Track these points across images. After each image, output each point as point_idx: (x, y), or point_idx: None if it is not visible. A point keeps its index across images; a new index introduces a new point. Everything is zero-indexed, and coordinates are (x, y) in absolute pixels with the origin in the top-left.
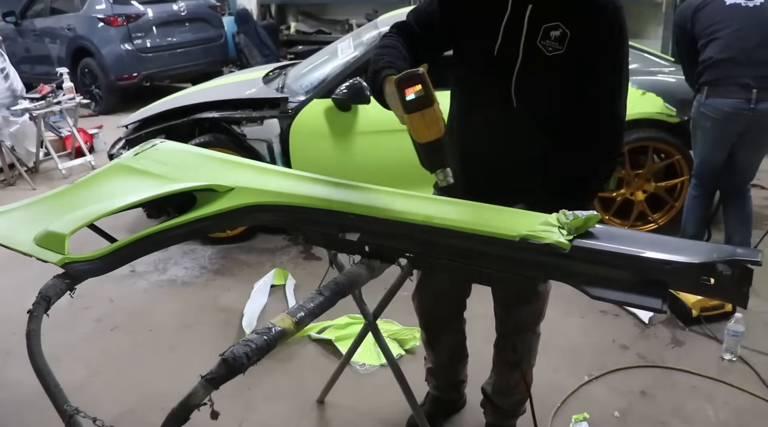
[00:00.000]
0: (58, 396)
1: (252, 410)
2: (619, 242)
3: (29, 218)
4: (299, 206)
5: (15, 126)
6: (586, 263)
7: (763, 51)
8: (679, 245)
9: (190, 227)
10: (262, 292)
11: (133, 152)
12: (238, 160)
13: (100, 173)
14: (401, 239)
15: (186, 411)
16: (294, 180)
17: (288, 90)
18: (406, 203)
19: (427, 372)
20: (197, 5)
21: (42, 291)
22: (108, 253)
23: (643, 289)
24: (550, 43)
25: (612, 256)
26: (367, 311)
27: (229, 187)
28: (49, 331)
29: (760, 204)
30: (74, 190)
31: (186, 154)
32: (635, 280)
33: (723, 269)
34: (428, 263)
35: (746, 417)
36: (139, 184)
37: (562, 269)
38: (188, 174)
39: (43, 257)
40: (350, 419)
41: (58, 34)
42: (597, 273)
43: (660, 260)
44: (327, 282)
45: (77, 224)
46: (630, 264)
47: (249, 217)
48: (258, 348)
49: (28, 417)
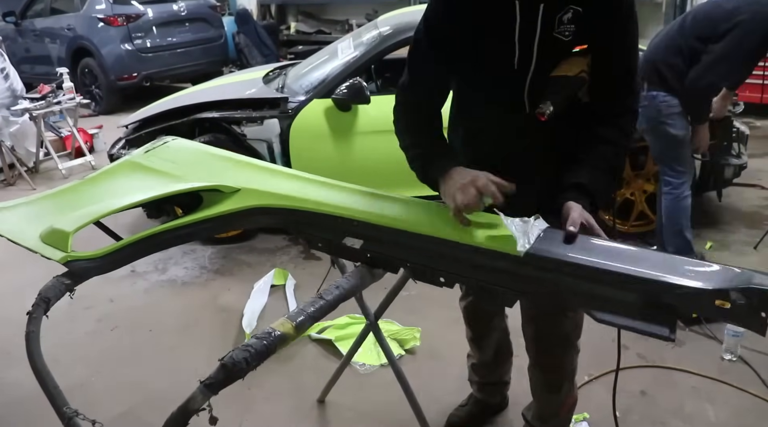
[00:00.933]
0: (57, 398)
1: (252, 410)
2: (622, 261)
3: (36, 213)
4: (303, 210)
5: (15, 126)
6: (584, 280)
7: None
8: (690, 266)
9: (194, 227)
10: (262, 292)
11: (144, 149)
12: (248, 160)
13: (110, 170)
14: (404, 248)
15: (185, 416)
16: (301, 182)
17: (288, 90)
18: (411, 211)
19: (471, 370)
20: (197, 5)
21: (41, 292)
22: (111, 252)
23: (651, 314)
24: (565, 27)
25: (620, 276)
26: (369, 311)
27: (235, 189)
28: (50, 331)
29: (760, 204)
30: (83, 186)
31: (196, 152)
32: (642, 303)
33: (737, 297)
34: (431, 273)
35: (746, 417)
36: (147, 183)
37: (572, 288)
38: (197, 173)
39: (47, 254)
40: (350, 419)
41: (58, 34)
42: (603, 294)
43: (671, 284)
44: (328, 286)
45: (81, 222)
46: (639, 287)
47: (253, 219)
48: (257, 353)
49: (28, 418)
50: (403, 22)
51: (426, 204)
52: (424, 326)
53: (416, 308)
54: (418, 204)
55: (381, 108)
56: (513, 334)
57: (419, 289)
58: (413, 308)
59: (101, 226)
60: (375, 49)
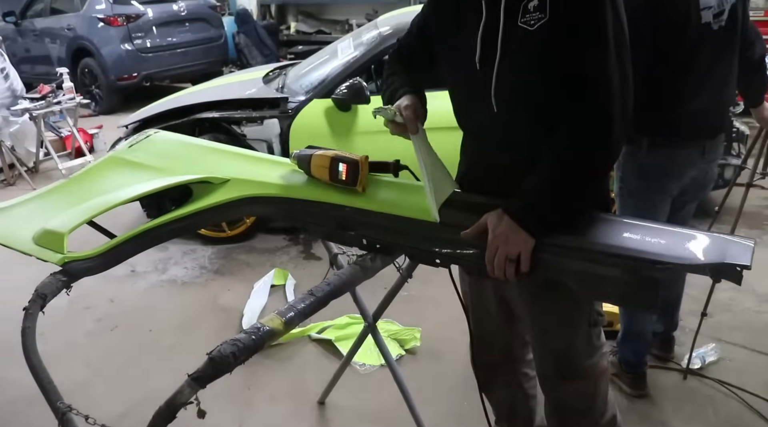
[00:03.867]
0: (51, 393)
1: (252, 410)
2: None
3: (26, 215)
4: (295, 198)
5: (15, 126)
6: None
7: None
8: (679, 237)
9: (187, 220)
10: (262, 292)
11: (128, 144)
12: (234, 150)
13: (95, 167)
14: (400, 232)
15: (172, 410)
16: (290, 170)
17: (288, 90)
18: (402, 196)
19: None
20: (197, 5)
21: (38, 289)
22: (107, 250)
23: (636, 287)
24: (531, 15)
25: (603, 253)
26: (367, 312)
27: (225, 179)
28: (50, 330)
29: (760, 204)
30: (70, 185)
31: (180, 145)
32: (628, 278)
33: (714, 272)
34: (427, 256)
35: (746, 417)
36: (135, 178)
37: (561, 267)
38: (184, 165)
39: (43, 257)
40: (350, 419)
41: (58, 34)
42: (589, 270)
43: (653, 260)
44: (319, 282)
45: (76, 222)
46: (621, 262)
47: (246, 209)
48: (245, 347)
49: (29, 417)
50: (403, 22)
51: (418, 186)
52: (424, 326)
53: (417, 309)
54: (407, 187)
55: None
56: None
57: (419, 289)
58: (414, 309)
59: (94, 224)
60: (375, 49)
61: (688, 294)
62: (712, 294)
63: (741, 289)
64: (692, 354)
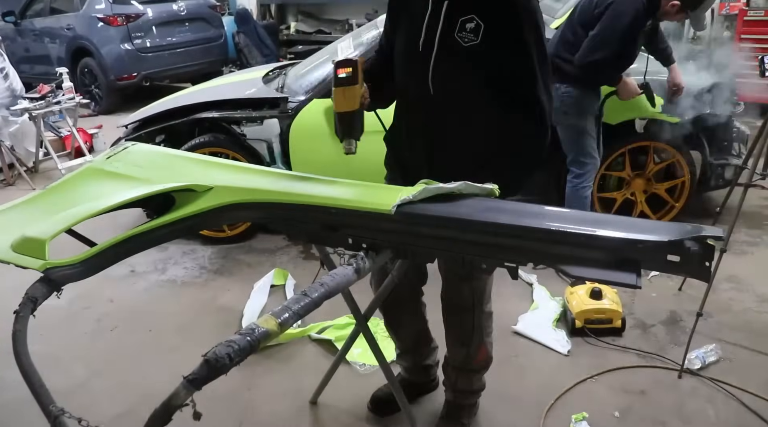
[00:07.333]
0: (43, 396)
1: (252, 410)
2: (592, 225)
3: (2, 225)
4: (278, 203)
5: (14, 126)
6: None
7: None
8: (647, 225)
9: (171, 227)
10: (262, 292)
11: (105, 155)
12: (213, 160)
13: (72, 178)
14: (385, 231)
15: (168, 412)
16: (272, 177)
17: (288, 90)
18: (386, 196)
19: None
20: (197, 5)
21: (28, 292)
22: (89, 257)
23: (618, 267)
24: (466, 34)
25: (587, 238)
26: (359, 312)
27: (208, 187)
28: (50, 331)
29: (760, 204)
30: (46, 195)
31: (159, 155)
32: (611, 259)
33: (691, 245)
34: (411, 251)
35: (746, 417)
36: (115, 187)
37: (549, 252)
38: (164, 175)
39: (23, 264)
40: (350, 420)
41: (57, 33)
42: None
43: (633, 240)
44: (313, 283)
45: (56, 229)
46: (605, 245)
47: (229, 215)
48: (241, 349)
49: (29, 417)
50: None
51: (406, 189)
52: None
53: None
54: (392, 189)
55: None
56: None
57: None
58: None
59: (73, 233)
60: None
61: (687, 294)
62: (708, 294)
63: (741, 289)
64: (692, 354)
